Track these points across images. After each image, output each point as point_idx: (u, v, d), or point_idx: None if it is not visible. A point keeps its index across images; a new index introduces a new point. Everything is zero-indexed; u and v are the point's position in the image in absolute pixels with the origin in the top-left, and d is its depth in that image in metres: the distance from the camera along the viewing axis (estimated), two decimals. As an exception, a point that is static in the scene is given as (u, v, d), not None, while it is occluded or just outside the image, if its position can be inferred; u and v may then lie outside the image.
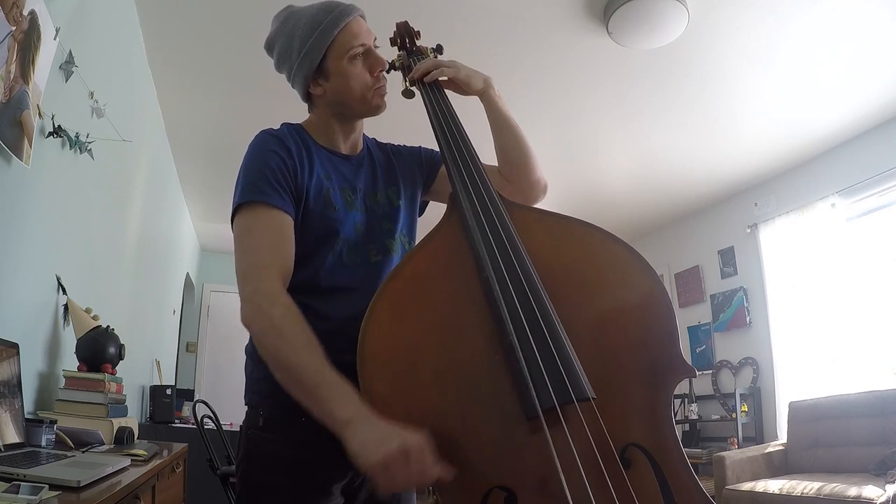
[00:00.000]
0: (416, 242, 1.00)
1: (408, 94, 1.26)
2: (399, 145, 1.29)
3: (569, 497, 0.66)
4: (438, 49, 1.30)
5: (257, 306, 0.93)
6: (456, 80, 1.17)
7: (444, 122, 1.12)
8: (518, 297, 0.81)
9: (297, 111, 1.21)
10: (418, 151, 1.29)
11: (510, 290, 0.82)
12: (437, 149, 1.13)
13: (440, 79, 1.19)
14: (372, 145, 1.25)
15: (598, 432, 0.72)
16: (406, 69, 1.27)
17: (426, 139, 1.28)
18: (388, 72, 1.24)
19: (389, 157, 1.24)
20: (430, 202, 1.32)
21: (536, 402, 0.72)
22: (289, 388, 0.87)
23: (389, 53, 1.28)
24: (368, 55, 1.10)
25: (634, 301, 0.88)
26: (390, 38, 1.31)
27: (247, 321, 0.94)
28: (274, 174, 1.01)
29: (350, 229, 1.08)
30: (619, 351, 0.83)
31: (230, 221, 1.04)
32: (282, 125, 1.13)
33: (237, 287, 0.98)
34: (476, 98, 1.21)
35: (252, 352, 1.10)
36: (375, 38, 1.13)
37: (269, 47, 1.15)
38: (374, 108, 1.13)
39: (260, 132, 1.09)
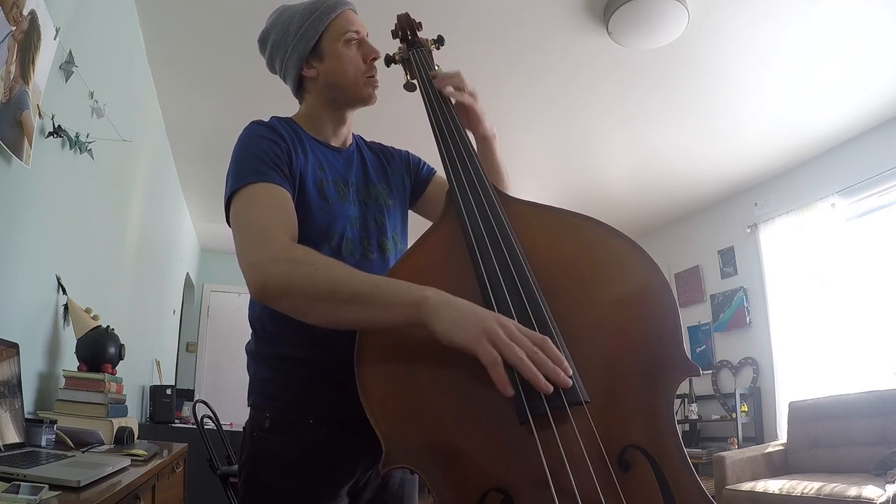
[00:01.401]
0: (411, 243, 0.99)
1: (409, 86, 1.26)
2: (388, 146, 1.28)
3: (556, 501, 0.65)
4: (439, 40, 1.29)
5: (273, 262, 0.86)
6: (471, 108, 1.13)
7: (443, 118, 1.11)
8: (510, 295, 0.80)
9: (296, 111, 1.21)
10: (407, 156, 1.28)
11: (503, 290, 0.81)
12: (433, 147, 1.12)
13: (453, 100, 1.14)
14: (360, 142, 1.24)
15: (592, 436, 0.71)
16: (406, 62, 1.26)
17: (424, 137, 1.28)
18: (388, 65, 1.24)
19: (379, 156, 1.24)
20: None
21: (526, 407, 0.71)
22: (334, 316, 0.83)
23: (390, 46, 1.28)
24: (363, 43, 1.12)
25: (634, 296, 0.86)
26: (391, 31, 1.30)
27: (260, 284, 0.85)
28: (269, 156, 1.00)
29: (345, 222, 1.07)
30: (620, 349, 0.81)
31: (225, 210, 1.00)
32: (271, 118, 1.12)
33: (240, 262, 0.90)
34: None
35: (254, 351, 1.08)
36: (367, 34, 1.14)
37: (264, 38, 1.15)
38: (366, 97, 1.13)
39: (249, 123, 1.08)
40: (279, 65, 1.14)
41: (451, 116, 1.11)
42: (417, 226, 1.23)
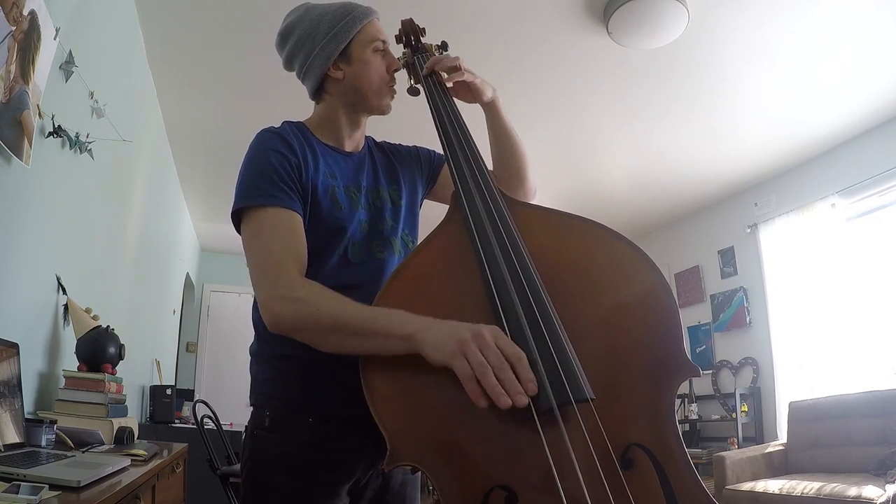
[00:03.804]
0: (419, 241, 1.00)
1: (413, 91, 1.27)
2: (397, 144, 1.29)
3: (563, 498, 0.66)
4: (443, 46, 1.30)
5: (280, 301, 0.91)
6: (472, 84, 1.16)
7: (448, 120, 1.12)
8: (518, 296, 0.81)
9: (297, 111, 1.21)
10: (416, 151, 1.29)
11: (509, 290, 0.82)
12: (438, 148, 1.13)
13: (451, 82, 1.17)
14: (371, 144, 1.25)
15: (598, 433, 0.72)
16: (411, 66, 1.27)
17: (428, 138, 1.28)
18: (396, 69, 1.25)
19: (389, 156, 1.24)
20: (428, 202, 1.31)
21: (532, 403, 0.71)
22: (343, 347, 0.86)
23: (394, 52, 1.29)
24: (387, 53, 1.15)
25: (637, 300, 0.87)
26: (395, 36, 1.31)
27: (272, 322, 0.91)
28: (278, 174, 1.00)
29: (356, 228, 1.08)
30: (623, 350, 0.82)
31: (233, 223, 1.03)
32: (283, 123, 1.12)
33: (255, 293, 0.96)
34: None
35: (257, 352, 1.09)
36: (389, 45, 1.18)
37: (287, 33, 1.15)
38: (384, 106, 1.16)
39: (260, 131, 1.09)
40: (302, 61, 1.13)
41: (456, 119, 1.12)
42: (429, 224, 1.24)
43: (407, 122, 2.12)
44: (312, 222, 1.02)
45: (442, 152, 1.12)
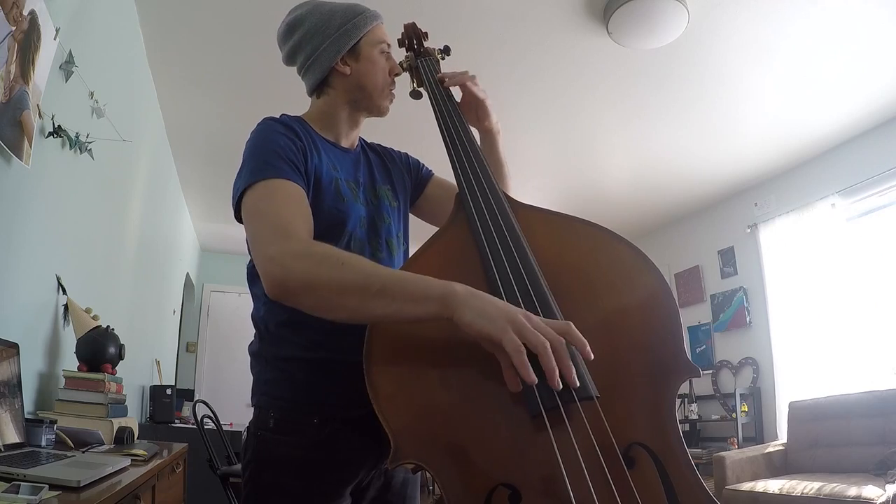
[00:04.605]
0: (414, 245, 1.00)
1: (415, 94, 1.28)
2: (388, 148, 1.30)
3: (571, 496, 0.66)
4: (446, 50, 1.32)
5: (293, 256, 0.84)
6: (483, 103, 1.19)
7: (451, 122, 1.12)
8: (522, 296, 0.82)
9: (298, 112, 1.21)
10: (406, 158, 1.30)
11: (514, 290, 0.82)
12: (441, 150, 1.13)
13: (460, 92, 1.20)
14: (364, 143, 1.26)
15: (602, 431, 0.72)
16: (413, 70, 1.27)
17: (431, 140, 1.28)
18: (397, 73, 1.25)
19: (382, 157, 1.25)
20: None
21: (539, 400, 0.72)
22: (362, 309, 0.80)
23: (397, 55, 1.29)
24: (390, 57, 1.18)
25: (638, 302, 0.88)
26: (398, 40, 1.32)
27: (279, 280, 0.83)
28: (285, 152, 0.99)
29: (356, 222, 1.08)
30: (624, 351, 0.83)
31: (236, 206, 0.98)
32: (282, 115, 1.12)
33: (256, 256, 0.88)
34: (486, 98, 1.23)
35: (258, 352, 1.08)
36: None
37: (296, 24, 1.14)
38: (384, 108, 1.17)
39: (263, 119, 1.08)
40: (308, 52, 1.13)
41: (460, 123, 1.13)
42: (418, 229, 1.24)
43: (410, 124, 2.13)
44: (314, 213, 0.99)
45: (441, 165, 1.13)
